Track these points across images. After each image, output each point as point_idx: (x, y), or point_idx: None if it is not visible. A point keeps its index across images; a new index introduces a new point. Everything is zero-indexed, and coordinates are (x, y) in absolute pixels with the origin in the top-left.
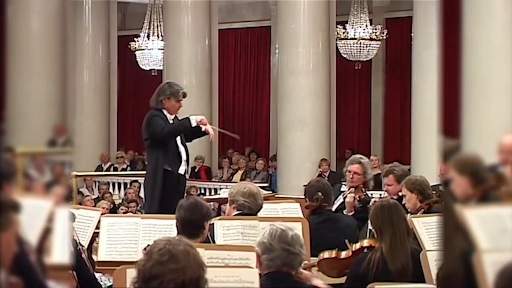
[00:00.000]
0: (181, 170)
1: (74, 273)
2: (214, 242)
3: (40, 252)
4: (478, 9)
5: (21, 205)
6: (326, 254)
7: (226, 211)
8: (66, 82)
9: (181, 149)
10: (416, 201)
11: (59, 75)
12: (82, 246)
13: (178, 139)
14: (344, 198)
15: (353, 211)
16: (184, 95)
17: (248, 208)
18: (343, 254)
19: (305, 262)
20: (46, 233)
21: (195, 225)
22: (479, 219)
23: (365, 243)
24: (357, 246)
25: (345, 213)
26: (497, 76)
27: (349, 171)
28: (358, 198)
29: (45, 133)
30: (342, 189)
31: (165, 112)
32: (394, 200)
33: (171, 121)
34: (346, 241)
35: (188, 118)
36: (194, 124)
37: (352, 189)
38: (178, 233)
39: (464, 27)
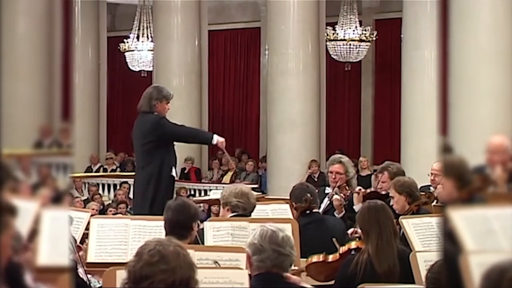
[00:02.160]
0: (175, 172)
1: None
2: (203, 243)
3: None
4: (464, 11)
5: (17, 208)
6: (314, 258)
7: (221, 215)
8: (53, 83)
9: (176, 152)
10: (404, 203)
11: (45, 76)
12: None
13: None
14: (330, 199)
15: (344, 211)
16: (172, 97)
17: (242, 209)
18: (331, 257)
19: (295, 268)
20: (33, 235)
21: (183, 226)
22: (465, 221)
23: (353, 245)
24: (345, 248)
25: (336, 214)
26: (484, 78)
27: (331, 172)
28: (344, 197)
29: (32, 135)
30: (326, 191)
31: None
32: (381, 202)
33: None
34: (334, 239)
35: (212, 136)
36: (214, 142)
37: (336, 189)
38: (166, 235)
39: (451, 29)
